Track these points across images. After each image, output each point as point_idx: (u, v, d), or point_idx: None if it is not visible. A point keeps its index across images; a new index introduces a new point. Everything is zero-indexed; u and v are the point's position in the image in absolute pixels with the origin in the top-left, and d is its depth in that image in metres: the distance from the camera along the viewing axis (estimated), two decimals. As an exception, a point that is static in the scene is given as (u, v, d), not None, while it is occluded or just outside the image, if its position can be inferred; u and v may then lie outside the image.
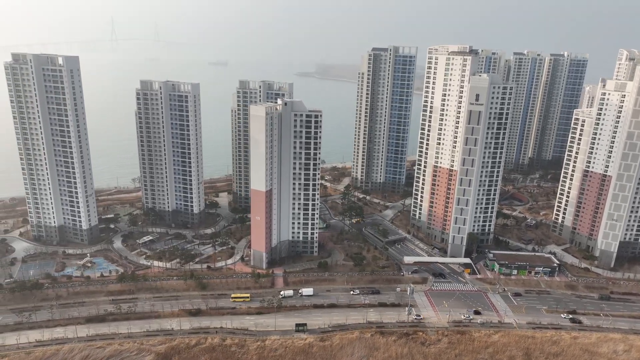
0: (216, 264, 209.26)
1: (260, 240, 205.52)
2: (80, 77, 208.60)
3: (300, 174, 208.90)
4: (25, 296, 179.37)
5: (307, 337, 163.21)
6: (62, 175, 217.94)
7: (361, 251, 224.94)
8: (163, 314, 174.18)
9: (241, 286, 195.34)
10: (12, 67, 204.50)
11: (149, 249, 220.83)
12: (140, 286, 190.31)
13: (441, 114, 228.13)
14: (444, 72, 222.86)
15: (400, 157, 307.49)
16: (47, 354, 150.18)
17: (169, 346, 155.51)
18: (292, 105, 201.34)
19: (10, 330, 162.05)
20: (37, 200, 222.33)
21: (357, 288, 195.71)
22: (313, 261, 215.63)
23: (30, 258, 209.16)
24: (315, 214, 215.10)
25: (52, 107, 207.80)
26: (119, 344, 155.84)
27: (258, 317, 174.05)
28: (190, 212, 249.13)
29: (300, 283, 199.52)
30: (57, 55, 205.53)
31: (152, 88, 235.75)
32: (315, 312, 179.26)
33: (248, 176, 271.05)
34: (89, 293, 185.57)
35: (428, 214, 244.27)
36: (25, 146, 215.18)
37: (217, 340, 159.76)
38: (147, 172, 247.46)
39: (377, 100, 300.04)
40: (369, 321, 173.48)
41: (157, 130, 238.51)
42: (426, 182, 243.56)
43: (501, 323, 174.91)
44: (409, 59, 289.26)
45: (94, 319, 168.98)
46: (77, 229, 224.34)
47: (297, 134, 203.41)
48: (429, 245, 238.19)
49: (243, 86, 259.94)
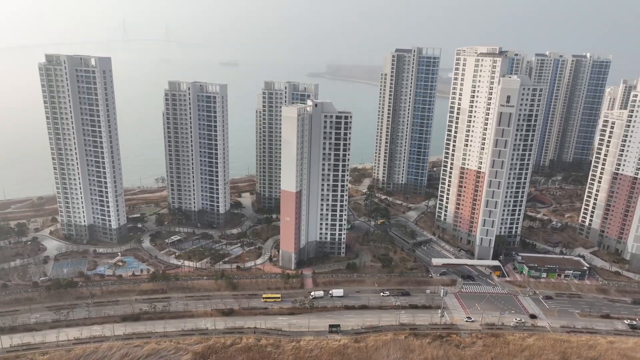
0: (245, 264, 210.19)
1: (289, 241, 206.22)
2: (112, 78, 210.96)
3: (329, 175, 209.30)
4: (61, 294, 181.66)
5: (341, 338, 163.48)
6: (92, 174, 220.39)
7: (388, 252, 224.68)
8: (196, 314, 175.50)
9: (271, 286, 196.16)
10: (46, 68, 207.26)
11: (178, 248, 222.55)
12: (172, 285, 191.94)
13: (469, 115, 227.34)
14: (472, 73, 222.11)
15: (422, 159, 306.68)
16: (86, 351, 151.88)
17: (205, 345, 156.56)
18: (323, 106, 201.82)
19: (48, 327, 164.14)
20: (68, 199, 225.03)
21: (387, 289, 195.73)
22: (341, 262, 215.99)
23: (62, 256, 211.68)
24: (343, 215, 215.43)
25: (85, 107, 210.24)
26: (155, 342, 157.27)
27: (290, 318, 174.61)
28: (216, 212, 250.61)
29: (329, 284, 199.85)
30: (89, 57, 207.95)
31: (180, 89, 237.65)
32: (347, 313, 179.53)
33: (272, 177, 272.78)
34: (122, 292, 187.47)
35: (454, 216, 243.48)
36: (57, 146, 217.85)
37: (252, 340, 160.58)
38: (174, 172, 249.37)
39: (400, 102, 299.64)
40: (402, 323, 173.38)
41: (184, 131, 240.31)
42: (452, 183, 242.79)
43: (534, 326, 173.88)
44: (432, 60, 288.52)
45: (129, 317, 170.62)
46: (107, 228, 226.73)
47: (326, 135, 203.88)
48: (455, 247, 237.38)
49: (268, 87, 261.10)
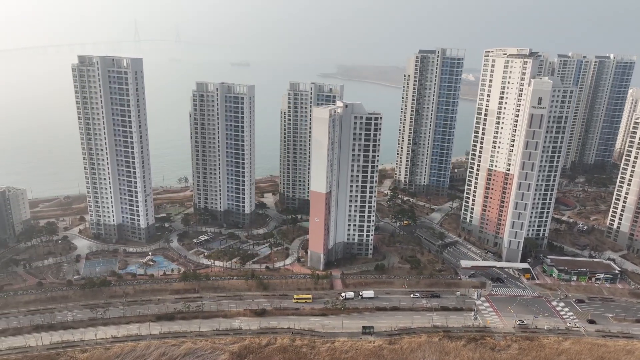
0: (274, 264, 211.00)
1: (318, 242, 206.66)
2: (143, 79, 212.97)
3: (358, 176, 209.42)
4: (95, 293, 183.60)
5: (375, 340, 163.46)
6: (122, 174, 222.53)
7: (415, 254, 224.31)
8: (229, 314, 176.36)
9: (301, 287, 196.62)
10: (79, 69, 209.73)
11: (206, 248, 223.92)
12: (203, 285, 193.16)
13: (497, 117, 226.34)
14: (501, 75, 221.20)
15: (445, 160, 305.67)
16: (124, 350, 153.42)
17: (241, 345, 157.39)
18: (353, 107, 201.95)
19: (85, 325, 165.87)
20: (98, 199, 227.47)
21: (417, 291, 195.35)
22: (368, 263, 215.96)
23: (93, 255, 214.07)
24: (371, 216, 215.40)
25: (116, 107, 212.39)
26: (192, 342, 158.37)
27: (323, 319, 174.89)
28: (242, 213, 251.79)
29: (358, 285, 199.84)
30: (122, 57, 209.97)
31: (207, 90, 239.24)
32: (379, 315, 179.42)
33: (296, 177, 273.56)
34: (155, 291, 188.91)
35: (480, 218, 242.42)
36: (89, 146, 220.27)
37: (287, 340, 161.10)
38: (201, 173, 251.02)
39: (423, 103, 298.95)
40: (434, 325, 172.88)
41: (211, 131, 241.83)
42: (479, 185, 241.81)
43: (569, 330, 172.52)
44: (456, 61, 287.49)
45: (164, 316, 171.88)
46: (135, 227, 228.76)
47: (356, 137, 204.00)
48: (482, 249, 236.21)
49: (294, 88, 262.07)
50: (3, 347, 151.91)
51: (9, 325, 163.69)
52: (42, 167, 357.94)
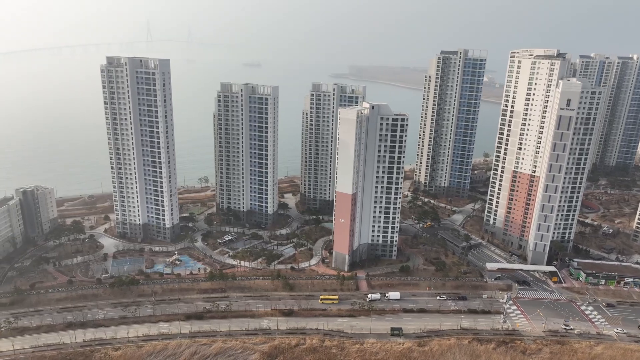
0: (299, 264, 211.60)
1: (343, 243, 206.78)
2: (170, 80, 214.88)
3: (384, 177, 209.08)
4: (124, 291, 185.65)
5: (404, 342, 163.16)
6: (148, 174, 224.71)
7: (439, 256, 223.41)
8: (257, 313, 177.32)
9: (326, 288, 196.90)
10: (108, 70, 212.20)
11: (230, 248, 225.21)
12: (230, 285, 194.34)
13: (523, 118, 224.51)
14: (528, 76, 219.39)
15: (465, 162, 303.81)
16: (157, 348, 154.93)
17: (272, 345, 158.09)
18: (379, 108, 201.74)
19: (116, 324, 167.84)
20: (124, 198, 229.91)
21: (443, 293, 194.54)
22: (393, 265, 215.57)
23: (119, 254, 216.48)
24: (396, 218, 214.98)
25: (143, 108, 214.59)
26: (222, 341, 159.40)
27: (351, 320, 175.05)
28: (265, 213, 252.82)
29: (383, 286, 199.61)
30: (149, 58, 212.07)
31: (231, 90, 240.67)
32: (406, 317, 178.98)
33: (318, 178, 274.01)
34: (183, 290, 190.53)
35: (504, 220, 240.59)
36: (116, 146, 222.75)
37: (316, 341, 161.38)
38: (224, 173, 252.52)
39: (445, 104, 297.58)
40: (463, 327, 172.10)
41: (235, 132, 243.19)
42: (503, 187, 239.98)
43: (600, 334, 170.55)
44: (479, 62, 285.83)
45: (193, 315, 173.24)
46: (161, 227, 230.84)
47: (382, 138, 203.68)
48: (506, 251, 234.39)
49: (316, 89, 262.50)
50: (38, 344, 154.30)
51: (43, 322, 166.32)
52: (65, 167, 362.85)
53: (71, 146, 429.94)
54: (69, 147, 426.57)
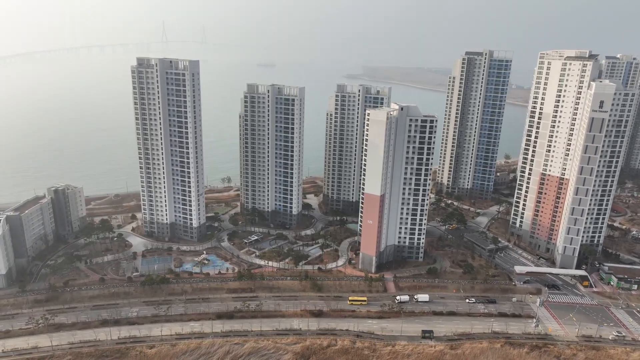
0: (327, 265, 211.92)
1: (371, 244, 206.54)
2: (199, 80, 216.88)
3: (411, 179, 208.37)
4: (154, 290, 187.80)
5: (435, 344, 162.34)
6: (176, 174, 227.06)
7: (466, 259, 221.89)
8: (287, 314, 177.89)
9: (354, 289, 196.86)
10: (138, 71, 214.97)
11: (256, 248, 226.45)
12: (258, 285, 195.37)
13: (553, 120, 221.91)
14: (558, 77, 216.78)
15: (489, 164, 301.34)
16: (190, 346, 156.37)
17: (303, 346, 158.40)
18: (408, 110, 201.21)
19: (149, 322, 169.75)
20: (152, 197, 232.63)
21: (472, 296, 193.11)
22: (419, 267, 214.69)
23: (148, 253, 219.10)
24: (423, 220, 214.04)
25: (173, 109, 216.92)
26: (254, 341, 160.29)
27: (380, 321, 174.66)
28: (289, 213, 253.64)
29: (411, 288, 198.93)
30: (178, 60, 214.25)
31: (258, 91, 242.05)
32: (436, 319, 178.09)
33: (341, 179, 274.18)
34: (212, 289, 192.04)
35: (531, 223, 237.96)
36: (145, 146, 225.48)
37: (347, 342, 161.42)
38: (249, 173, 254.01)
39: (469, 105, 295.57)
40: (494, 331, 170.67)
41: (261, 133, 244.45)
42: (530, 189, 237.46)
43: (636, 341, 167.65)
44: (504, 63, 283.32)
45: (224, 315, 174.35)
46: (188, 226, 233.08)
47: (410, 139, 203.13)
48: (534, 254, 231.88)
49: (341, 90, 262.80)
50: (75, 340, 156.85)
51: (78, 319, 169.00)
52: (91, 166, 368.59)
53: (96, 146, 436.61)
54: (94, 147, 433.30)
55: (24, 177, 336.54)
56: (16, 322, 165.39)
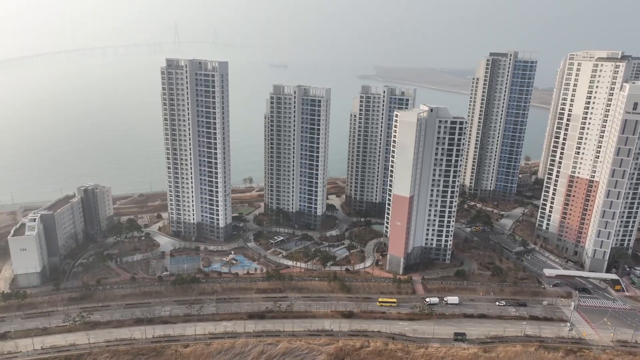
0: (355, 266, 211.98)
1: (399, 246, 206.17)
2: (227, 81, 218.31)
3: (440, 180, 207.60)
4: (185, 289, 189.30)
5: (468, 347, 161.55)
6: (204, 174, 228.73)
7: (493, 261, 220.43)
8: (317, 314, 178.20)
9: (382, 290, 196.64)
10: (168, 72, 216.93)
11: (282, 248, 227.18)
12: (287, 285, 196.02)
13: (582, 122, 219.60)
14: (589, 79, 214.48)
15: (513, 165, 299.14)
16: (224, 346, 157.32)
17: (336, 347, 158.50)
18: (438, 111, 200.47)
19: (182, 321, 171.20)
20: (179, 197, 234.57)
21: (502, 299, 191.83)
22: (447, 269, 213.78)
23: (176, 252, 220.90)
24: (451, 222, 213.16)
25: (201, 109, 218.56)
26: (287, 341, 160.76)
27: (411, 323, 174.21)
28: (314, 214, 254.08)
29: (440, 290, 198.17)
30: (207, 61, 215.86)
31: (283, 92, 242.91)
32: (467, 322, 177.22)
33: (365, 180, 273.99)
34: (241, 289, 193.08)
35: (559, 225, 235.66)
36: (173, 147, 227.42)
37: (380, 344, 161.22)
38: (274, 174, 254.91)
39: (493, 107, 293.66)
40: (527, 334, 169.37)
41: (287, 134, 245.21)
42: (558, 192, 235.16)
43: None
44: (529, 64, 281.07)
45: (255, 315, 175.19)
46: (214, 226, 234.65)
47: (439, 141, 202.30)
48: (561, 257, 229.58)
49: (365, 91, 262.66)
50: (111, 338, 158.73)
51: (112, 317, 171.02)
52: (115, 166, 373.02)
53: (118, 146, 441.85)
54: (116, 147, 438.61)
55: (48, 178, 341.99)
56: (53, 320, 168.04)
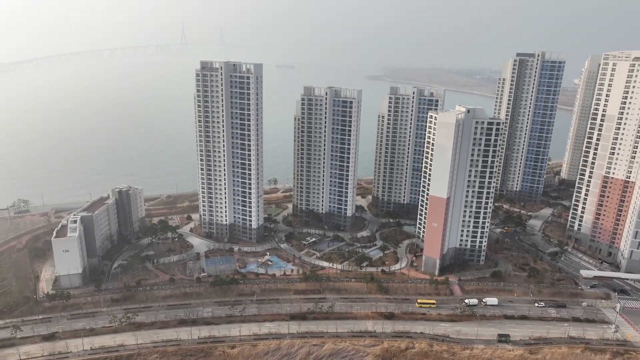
0: (391, 267, 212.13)
1: (435, 247, 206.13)
2: (262, 83, 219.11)
3: (475, 181, 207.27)
4: (224, 290, 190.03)
5: (513, 349, 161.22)
6: (237, 176, 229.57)
7: (527, 262, 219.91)
8: (358, 315, 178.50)
9: (420, 292, 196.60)
10: (203, 74, 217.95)
11: (315, 249, 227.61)
12: (324, 286, 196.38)
13: (618, 122, 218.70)
14: (625, 78, 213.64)
15: (539, 166, 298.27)
16: (270, 347, 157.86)
17: (382, 348, 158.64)
18: (474, 112, 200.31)
19: (225, 322, 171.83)
20: (212, 199, 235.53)
21: (541, 300, 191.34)
22: (482, 270, 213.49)
23: (211, 254, 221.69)
24: (486, 223, 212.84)
25: (236, 111, 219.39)
26: (332, 342, 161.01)
27: (453, 325, 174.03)
28: (343, 215, 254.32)
29: (477, 292, 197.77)
30: (241, 63, 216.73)
31: (314, 93, 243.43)
32: (508, 323, 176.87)
33: (392, 181, 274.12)
34: (280, 290, 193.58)
35: (592, 226, 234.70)
36: (207, 149, 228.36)
37: (425, 345, 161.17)
38: (304, 175, 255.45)
39: (519, 107, 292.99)
40: (570, 336, 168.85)
41: (318, 135, 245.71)
42: (591, 192, 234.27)
43: None
44: (557, 64, 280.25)
45: (296, 316, 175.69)
46: (247, 227, 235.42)
47: (476, 142, 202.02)
48: (595, 258, 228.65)
49: (394, 92, 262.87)
50: (157, 339, 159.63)
51: (157, 318, 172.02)
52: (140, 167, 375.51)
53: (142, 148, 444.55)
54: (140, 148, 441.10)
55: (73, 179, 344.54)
56: (98, 320, 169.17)
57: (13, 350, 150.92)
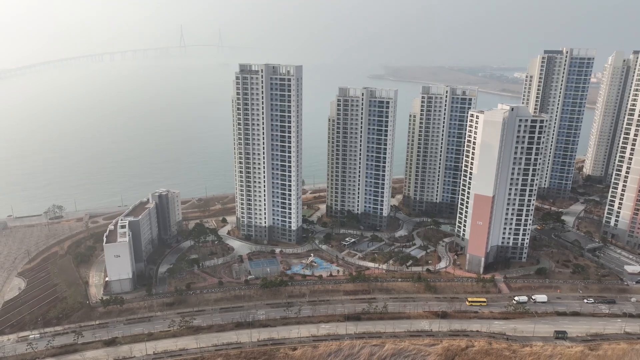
0: (436, 267, 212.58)
1: (480, 245, 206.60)
2: (302, 85, 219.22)
3: (518, 179, 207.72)
4: (273, 292, 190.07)
5: (572, 345, 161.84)
6: (276, 178, 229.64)
7: (569, 258, 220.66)
8: (412, 315, 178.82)
9: (467, 290, 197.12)
10: (242, 77, 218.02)
11: (356, 250, 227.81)
12: (373, 287, 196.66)
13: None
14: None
15: (568, 162, 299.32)
16: (331, 348, 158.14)
17: (443, 347, 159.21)
18: (518, 110, 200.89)
19: (280, 324, 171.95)
20: (251, 201, 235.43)
21: (590, 297, 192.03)
22: (525, 267, 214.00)
23: (253, 256, 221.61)
24: (529, 220, 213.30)
25: (276, 114, 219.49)
26: (392, 342, 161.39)
27: (507, 322, 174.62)
28: (379, 215, 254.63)
29: (524, 289, 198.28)
30: (280, 65, 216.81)
31: (349, 94, 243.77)
32: (562, 320, 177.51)
33: (425, 181, 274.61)
34: (329, 291, 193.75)
35: (631, 222, 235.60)
36: (246, 151, 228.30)
37: (484, 343, 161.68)
38: (340, 175, 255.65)
39: (548, 104, 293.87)
40: (626, 332, 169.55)
41: (354, 135, 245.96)
42: (628, 188, 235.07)
43: None
44: (586, 61, 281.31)
45: (351, 316, 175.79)
46: (286, 229, 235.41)
47: (519, 139, 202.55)
48: (635, 254, 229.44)
49: (426, 91, 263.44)
50: (218, 342, 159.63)
51: (212, 321, 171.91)
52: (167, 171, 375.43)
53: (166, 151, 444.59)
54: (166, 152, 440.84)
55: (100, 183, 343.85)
56: (155, 325, 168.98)
57: (77, 356, 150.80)
